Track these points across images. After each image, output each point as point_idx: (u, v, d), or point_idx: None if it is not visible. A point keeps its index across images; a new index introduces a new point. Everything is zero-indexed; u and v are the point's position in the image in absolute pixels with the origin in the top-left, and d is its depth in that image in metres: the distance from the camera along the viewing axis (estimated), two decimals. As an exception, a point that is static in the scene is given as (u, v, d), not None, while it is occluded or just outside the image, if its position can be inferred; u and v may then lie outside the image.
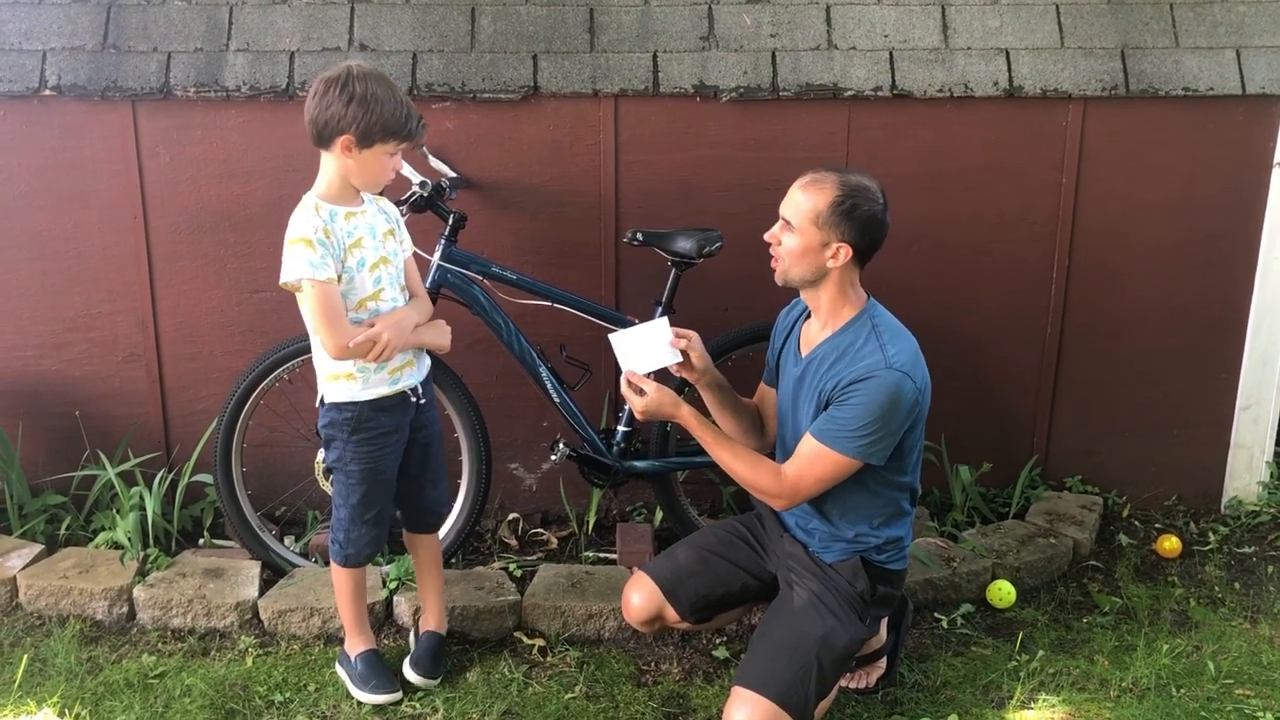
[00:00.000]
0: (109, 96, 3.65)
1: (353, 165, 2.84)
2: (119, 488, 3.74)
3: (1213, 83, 3.83)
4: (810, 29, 3.81)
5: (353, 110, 2.75)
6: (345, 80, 2.77)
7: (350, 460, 3.01)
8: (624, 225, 3.75)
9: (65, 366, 3.89)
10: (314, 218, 2.85)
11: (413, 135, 2.85)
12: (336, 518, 3.10)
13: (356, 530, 3.07)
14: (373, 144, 2.80)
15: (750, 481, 2.92)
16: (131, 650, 3.31)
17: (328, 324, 2.84)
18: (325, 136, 2.82)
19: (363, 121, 2.76)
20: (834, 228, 2.77)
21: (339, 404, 2.98)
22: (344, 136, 2.79)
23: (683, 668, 3.30)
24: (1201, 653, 3.39)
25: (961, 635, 3.49)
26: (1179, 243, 4.00)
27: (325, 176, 2.91)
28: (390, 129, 2.80)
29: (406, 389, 3.04)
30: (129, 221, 3.78)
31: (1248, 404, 4.14)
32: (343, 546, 3.09)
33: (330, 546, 3.13)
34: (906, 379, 2.75)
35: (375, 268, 2.95)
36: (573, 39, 3.76)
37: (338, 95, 2.76)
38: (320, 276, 2.81)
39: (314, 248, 2.81)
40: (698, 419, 2.97)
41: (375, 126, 2.77)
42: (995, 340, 4.06)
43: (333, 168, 2.88)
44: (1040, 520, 3.97)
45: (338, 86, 2.77)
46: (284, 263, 2.84)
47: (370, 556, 3.14)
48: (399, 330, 2.93)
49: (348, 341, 2.85)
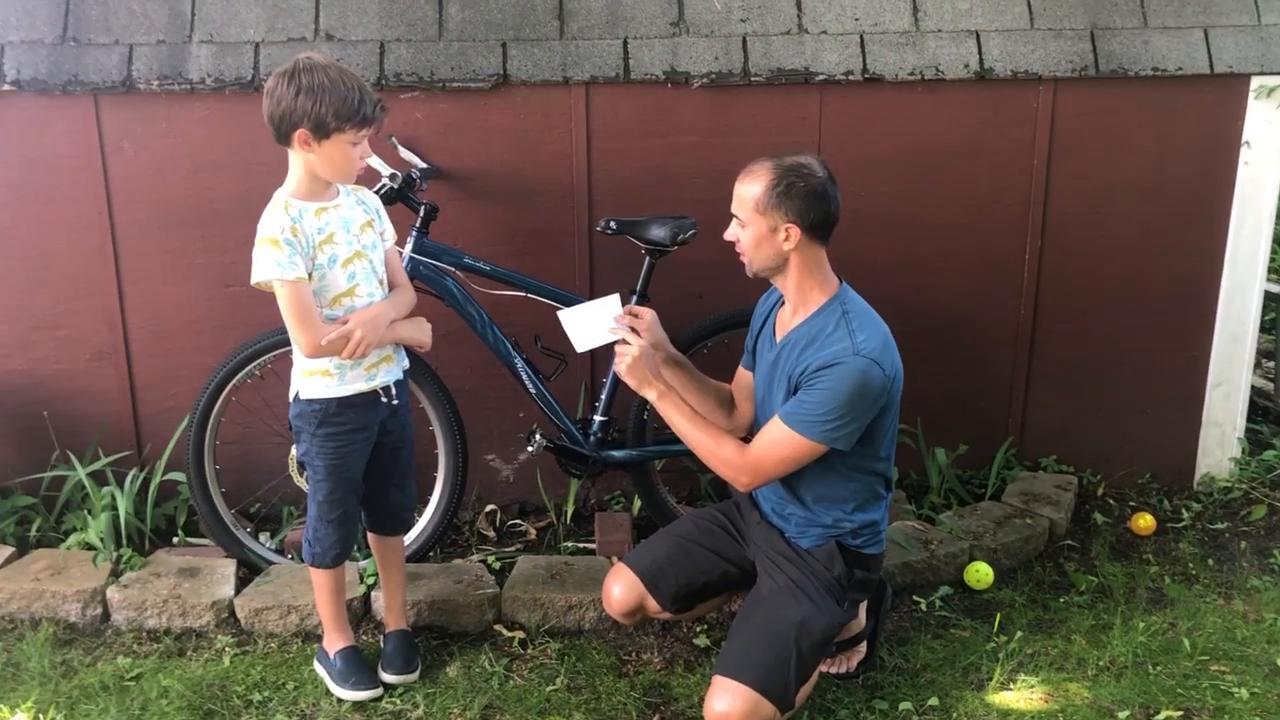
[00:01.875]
0: (70, 90, 3.59)
1: (315, 159, 2.80)
2: (90, 488, 3.69)
3: (1181, 62, 3.84)
4: (781, 13, 3.79)
5: (301, 102, 2.70)
6: (292, 73, 2.72)
7: (316, 455, 2.99)
8: (597, 214, 3.73)
9: (32, 366, 3.83)
10: (282, 216, 2.81)
11: (369, 120, 2.78)
12: (309, 516, 3.09)
13: (323, 529, 3.06)
14: (329, 134, 2.74)
15: (712, 456, 2.92)
16: (107, 652, 3.28)
17: (300, 323, 2.81)
18: (283, 133, 2.78)
19: (314, 112, 2.70)
20: (776, 210, 2.77)
21: (308, 400, 2.96)
22: (299, 130, 2.74)
23: (664, 657, 3.30)
24: (1177, 630, 3.42)
25: (940, 618, 3.50)
26: (1150, 222, 4.02)
27: (294, 174, 2.87)
28: (343, 116, 2.72)
29: (379, 388, 3.02)
30: (94, 218, 3.72)
31: (1219, 381, 4.17)
32: (311, 545, 3.08)
33: (303, 545, 3.12)
34: (875, 366, 2.75)
35: (349, 263, 2.91)
36: (542, 26, 3.72)
37: (286, 89, 2.71)
38: (289, 276, 2.78)
39: (281, 247, 2.78)
40: (667, 391, 2.95)
41: (327, 115, 2.71)
42: (969, 322, 4.06)
43: (298, 163, 2.84)
44: (1016, 501, 3.99)
45: (285, 80, 2.72)
46: (253, 262, 2.81)
47: (339, 558, 3.11)
48: (373, 327, 2.90)
49: (320, 339, 2.83)
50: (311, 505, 3.06)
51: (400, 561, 3.30)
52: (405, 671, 3.15)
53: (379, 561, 3.28)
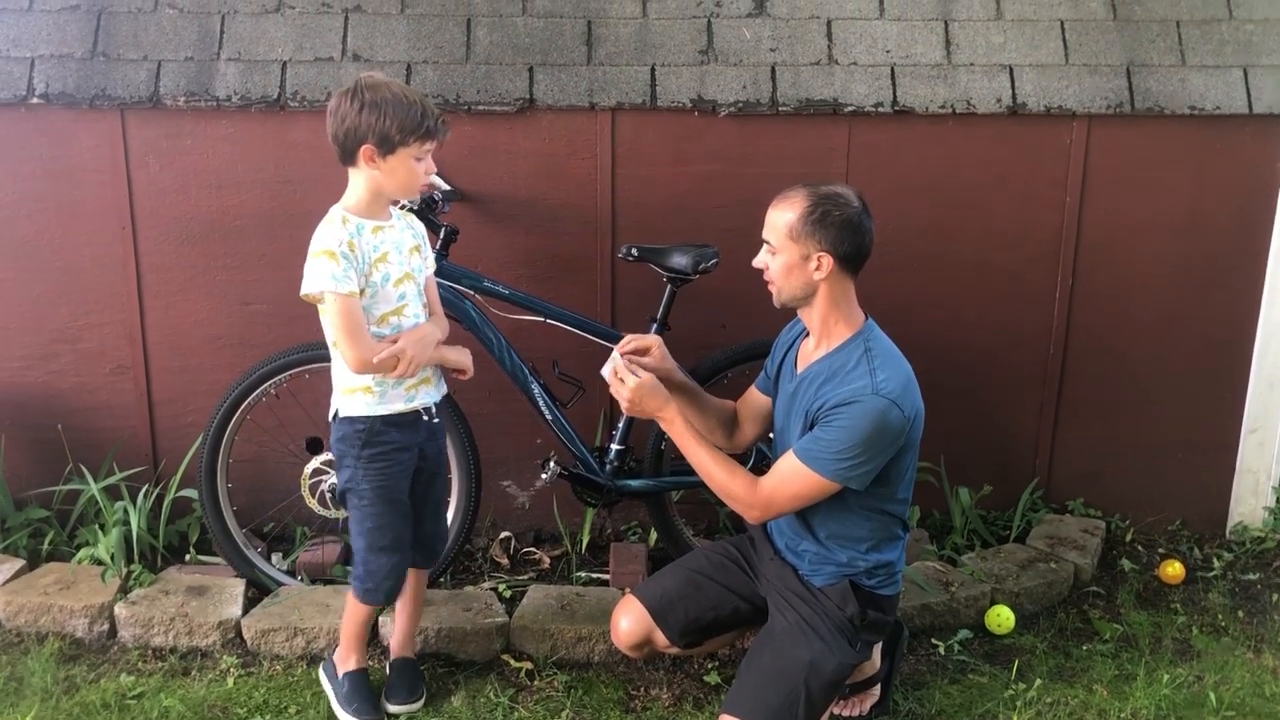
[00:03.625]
0: (98, 105, 3.61)
1: (380, 175, 2.81)
2: (102, 503, 3.68)
3: (1219, 102, 3.77)
4: (811, 44, 3.76)
5: (366, 117, 2.72)
6: (356, 90, 2.75)
7: (362, 479, 2.94)
8: (620, 240, 3.69)
9: (52, 378, 3.83)
10: (340, 230, 2.81)
11: (433, 133, 2.81)
12: (355, 550, 3.03)
13: (375, 561, 2.99)
14: (394, 149, 2.76)
15: (725, 488, 2.87)
16: (110, 669, 3.25)
17: (349, 338, 2.79)
18: (349, 150, 2.78)
19: (379, 127, 2.72)
20: (810, 238, 2.73)
21: (351, 418, 2.92)
22: (365, 146, 2.76)
23: (673, 693, 3.23)
24: (1203, 683, 3.32)
25: (959, 662, 3.42)
26: (1184, 263, 3.93)
27: (354, 190, 2.86)
28: (408, 129, 2.75)
29: (420, 407, 2.99)
30: (117, 232, 3.73)
31: (1254, 427, 4.07)
32: (363, 581, 3.01)
33: (351, 582, 3.06)
34: (894, 407, 2.68)
35: (400, 283, 2.91)
36: (570, 51, 3.71)
37: (350, 106, 2.74)
38: (342, 290, 2.77)
39: (337, 260, 2.77)
40: (683, 419, 2.91)
41: (392, 129, 2.73)
42: (997, 360, 3.99)
43: (361, 181, 2.84)
44: (1041, 544, 3.90)
45: (349, 97, 2.75)
46: (305, 273, 2.80)
47: (393, 592, 3.05)
48: (423, 346, 2.91)
49: (370, 356, 2.81)
50: (359, 539, 3.00)
51: (423, 593, 3.26)
52: (409, 701, 3.10)
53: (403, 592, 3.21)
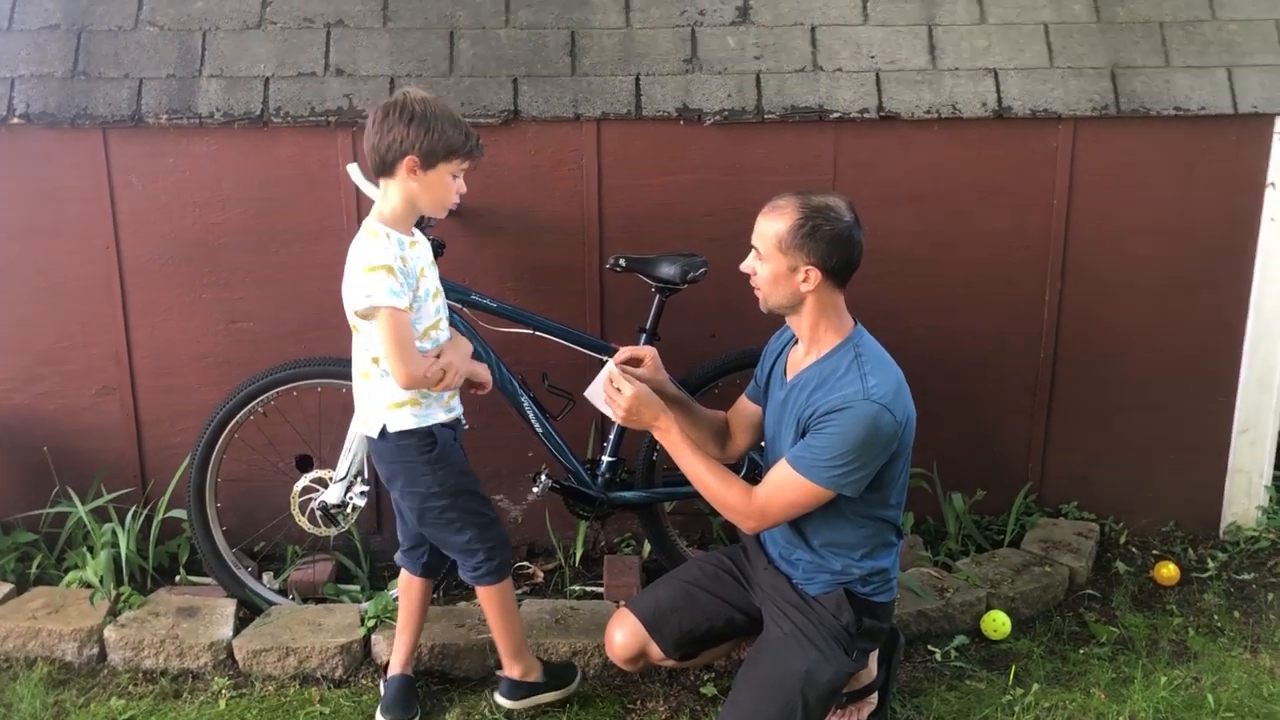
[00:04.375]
0: (79, 124, 3.58)
1: (417, 187, 2.81)
2: (90, 525, 3.64)
3: (1205, 102, 3.78)
4: (795, 51, 3.75)
5: (414, 131, 2.74)
6: (404, 104, 2.76)
7: (443, 481, 2.94)
8: (607, 251, 3.68)
9: (37, 401, 3.80)
10: (389, 244, 2.80)
11: (473, 154, 2.85)
12: (460, 545, 3.00)
13: (492, 531, 3.01)
14: (436, 164, 2.79)
15: (720, 498, 2.86)
16: (101, 693, 3.22)
17: (402, 353, 2.78)
18: (389, 161, 2.78)
19: (425, 141, 2.75)
20: (798, 251, 2.71)
21: (409, 430, 2.90)
22: (408, 158, 2.76)
23: (669, 706, 3.21)
24: (1201, 684, 3.31)
25: (955, 668, 3.40)
26: (1173, 263, 3.93)
27: (389, 203, 2.85)
28: (452, 148, 2.78)
29: (457, 416, 3.02)
30: (101, 252, 3.70)
31: (1245, 428, 4.06)
32: (488, 558, 3.01)
33: (473, 575, 3.03)
34: (885, 412, 2.67)
35: (435, 296, 2.94)
36: (554, 62, 3.70)
37: (399, 118, 2.75)
38: (400, 305, 2.78)
39: (394, 275, 2.77)
40: (678, 429, 2.89)
41: (439, 145, 2.76)
42: (988, 365, 3.98)
43: (397, 193, 2.83)
44: (1035, 548, 3.89)
45: (397, 110, 2.76)
46: (359, 289, 2.77)
47: (508, 561, 3.08)
48: (463, 357, 2.95)
49: (421, 371, 2.81)
50: (463, 532, 2.98)
51: (427, 607, 3.24)
52: (405, 718, 3.08)
53: (409, 605, 3.18)
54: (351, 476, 3.39)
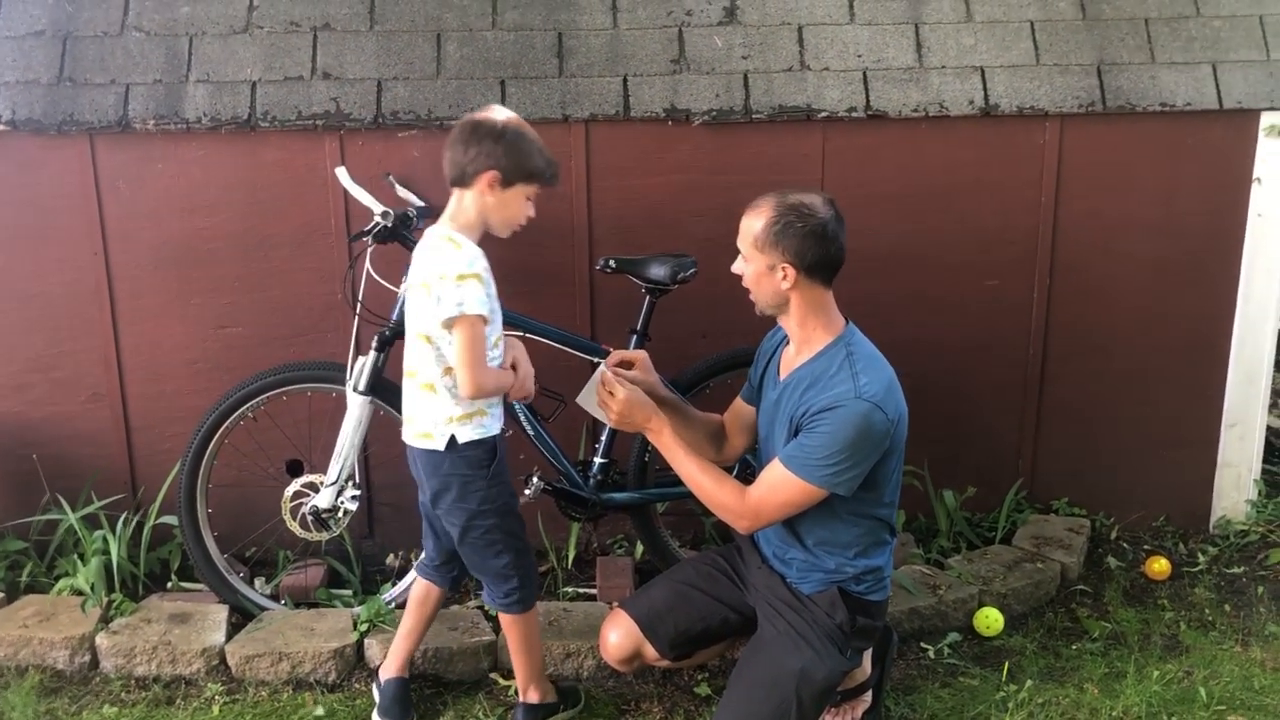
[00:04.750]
0: (66, 130, 3.57)
1: (492, 203, 2.83)
2: (81, 532, 3.63)
3: (1190, 98, 3.79)
4: (783, 50, 3.76)
5: (501, 149, 2.78)
6: (493, 121, 2.82)
7: (495, 498, 2.94)
8: (597, 252, 3.68)
9: (27, 408, 3.79)
10: (477, 253, 2.82)
11: (550, 181, 2.90)
12: (497, 570, 2.98)
13: (526, 559, 3.02)
14: (514, 184, 2.82)
15: (714, 499, 2.87)
16: (93, 701, 3.21)
17: (478, 363, 2.80)
18: (470, 173, 2.80)
19: (508, 160, 2.79)
20: (773, 248, 2.72)
21: (476, 441, 2.90)
22: (490, 174, 2.78)
23: (664, 706, 3.21)
24: (1193, 678, 3.32)
25: (949, 665, 3.41)
26: (1161, 260, 3.95)
27: (463, 213, 2.85)
28: (532, 172, 2.84)
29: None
30: (89, 258, 3.69)
31: (1234, 422, 4.08)
32: (521, 585, 3.00)
33: (504, 602, 3.01)
34: (877, 410, 2.68)
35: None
36: (541, 64, 3.70)
37: (487, 134, 2.79)
38: (486, 313, 2.80)
39: (484, 283, 2.80)
40: (670, 431, 2.90)
41: (520, 167, 2.81)
42: (977, 362, 3.99)
43: (472, 206, 2.84)
44: (1027, 544, 3.90)
45: (487, 126, 2.80)
46: (450, 297, 2.75)
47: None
48: (528, 366, 2.99)
49: (492, 381, 2.84)
50: (502, 555, 2.97)
51: (435, 614, 3.24)
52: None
53: (421, 614, 3.16)
54: (343, 481, 3.38)
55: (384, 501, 3.89)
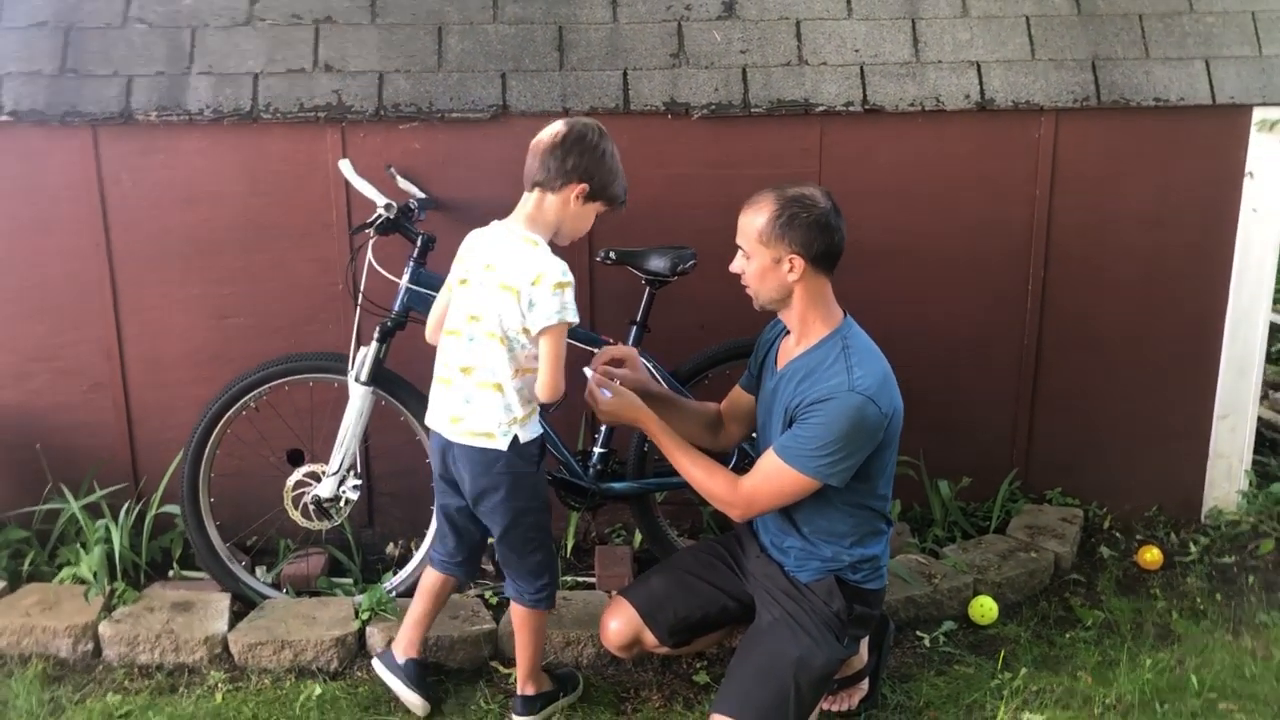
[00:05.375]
0: (69, 122, 3.59)
1: (571, 213, 2.87)
2: (83, 521, 3.65)
3: (1183, 93, 3.83)
4: (781, 45, 3.78)
5: (599, 164, 2.84)
6: (599, 135, 2.86)
7: (540, 494, 2.99)
8: (597, 244, 3.70)
9: (28, 398, 3.80)
10: (561, 259, 2.85)
11: (620, 207, 2.97)
12: (531, 566, 3.01)
13: (553, 557, 3.07)
14: (595, 200, 2.88)
15: (706, 488, 2.92)
16: (96, 689, 3.23)
17: (561, 366, 2.83)
18: (563, 180, 2.82)
19: (603, 176, 2.85)
20: (780, 241, 2.76)
21: (533, 440, 2.94)
22: (582, 185, 2.83)
23: (663, 694, 3.25)
24: (1185, 666, 3.36)
25: (944, 654, 3.45)
26: (1154, 252, 3.99)
27: (542, 217, 2.88)
28: (612, 194, 2.91)
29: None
30: (91, 249, 3.71)
31: (1225, 413, 4.12)
32: (550, 583, 3.05)
33: (533, 597, 3.03)
34: (870, 404, 2.71)
35: None
36: (542, 57, 3.72)
37: (590, 147, 2.83)
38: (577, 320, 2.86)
39: (572, 289, 2.84)
40: (658, 424, 2.96)
41: (605, 186, 2.87)
42: (971, 354, 4.03)
43: (553, 210, 2.87)
44: (1021, 534, 3.95)
45: (595, 135, 2.85)
46: (550, 305, 2.79)
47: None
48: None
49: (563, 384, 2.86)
50: (536, 552, 3.00)
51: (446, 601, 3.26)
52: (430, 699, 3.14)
53: (435, 601, 3.17)
54: (344, 471, 3.41)
55: (384, 491, 3.92)
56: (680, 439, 2.97)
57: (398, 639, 3.19)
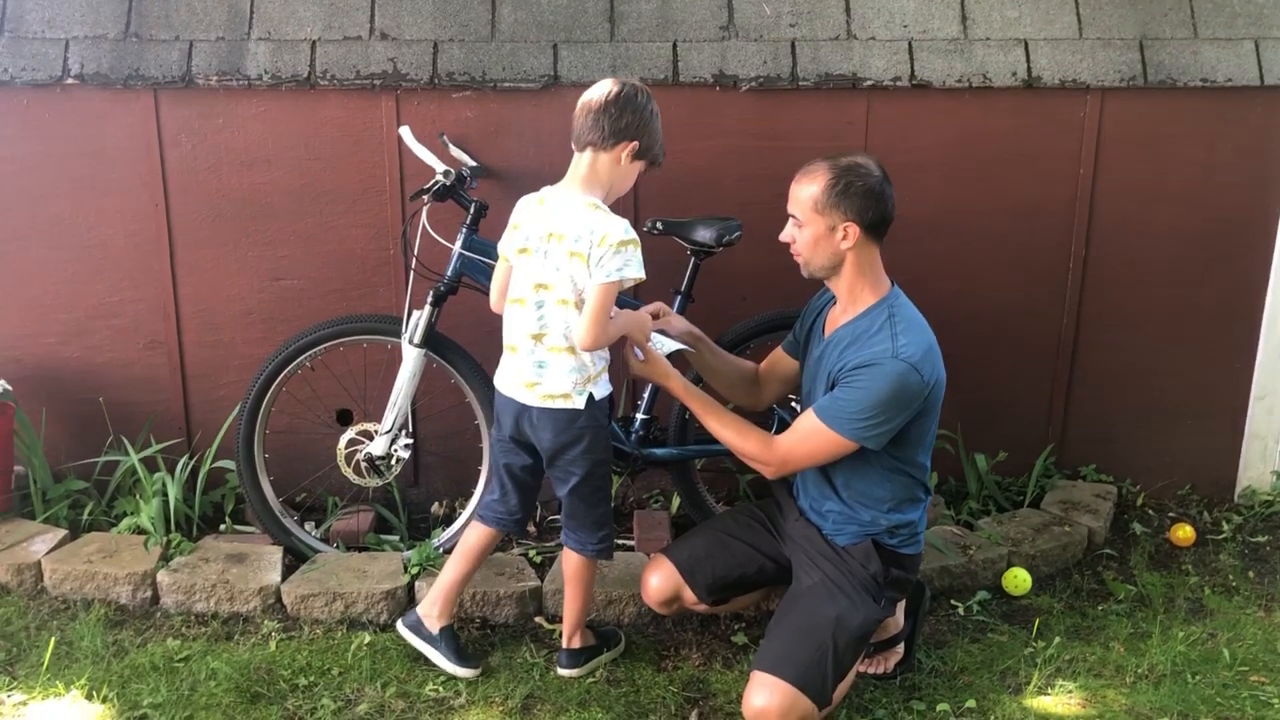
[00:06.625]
0: (131, 85, 3.67)
1: (619, 170, 2.94)
2: (142, 473, 3.76)
3: (1231, 74, 3.84)
4: (829, 19, 3.82)
5: (648, 124, 2.92)
6: (647, 96, 2.94)
7: (609, 448, 3.12)
8: (643, 214, 3.76)
9: (87, 353, 3.91)
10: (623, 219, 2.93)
11: (658, 166, 3.04)
12: (596, 517, 3.11)
13: (611, 512, 3.16)
14: (641, 159, 2.95)
15: (738, 447, 3.02)
16: (156, 634, 3.35)
17: (604, 318, 2.89)
18: (617, 139, 2.89)
19: (648, 137, 2.92)
20: (835, 209, 2.82)
21: (607, 396, 3.05)
22: (633, 144, 2.90)
23: (702, 653, 3.33)
24: (1216, 640, 3.41)
25: (978, 622, 3.51)
26: (1196, 233, 4.01)
27: (595, 177, 2.95)
28: (655, 154, 2.99)
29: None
30: (150, 209, 3.80)
31: (1262, 394, 4.15)
32: (609, 538, 3.14)
33: (596, 548, 3.12)
34: (913, 371, 2.77)
35: None
36: (593, 28, 3.77)
37: (641, 106, 2.91)
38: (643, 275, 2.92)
39: (638, 247, 2.90)
40: (685, 386, 3.07)
41: (652, 145, 2.95)
42: (1011, 329, 4.07)
43: (605, 169, 2.94)
44: (1055, 509, 3.99)
45: (643, 96, 2.93)
46: (614, 262, 2.85)
47: None
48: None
49: (607, 337, 2.93)
50: (599, 505, 3.12)
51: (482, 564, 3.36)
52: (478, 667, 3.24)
53: (475, 558, 3.22)
54: (396, 430, 3.49)
55: (431, 451, 4.01)
56: (710, 400, 3.06)
57: (429, 605, 3.23)
